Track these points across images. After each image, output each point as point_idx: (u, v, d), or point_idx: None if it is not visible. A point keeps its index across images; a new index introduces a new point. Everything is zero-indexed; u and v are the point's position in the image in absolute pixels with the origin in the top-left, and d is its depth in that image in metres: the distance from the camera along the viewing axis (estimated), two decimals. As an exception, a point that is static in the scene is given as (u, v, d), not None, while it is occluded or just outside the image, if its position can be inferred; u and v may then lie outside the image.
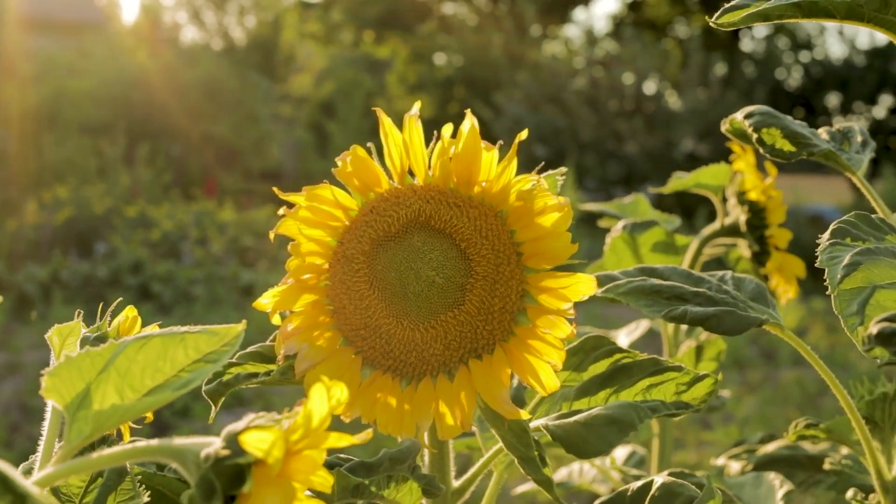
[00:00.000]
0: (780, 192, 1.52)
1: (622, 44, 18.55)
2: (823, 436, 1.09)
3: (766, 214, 1.52)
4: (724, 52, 20.97)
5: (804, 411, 6.14)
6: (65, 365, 0.63)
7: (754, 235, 1.52)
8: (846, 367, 7.41)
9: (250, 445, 0.59)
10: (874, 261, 0.79)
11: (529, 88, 16.29)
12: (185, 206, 11.51)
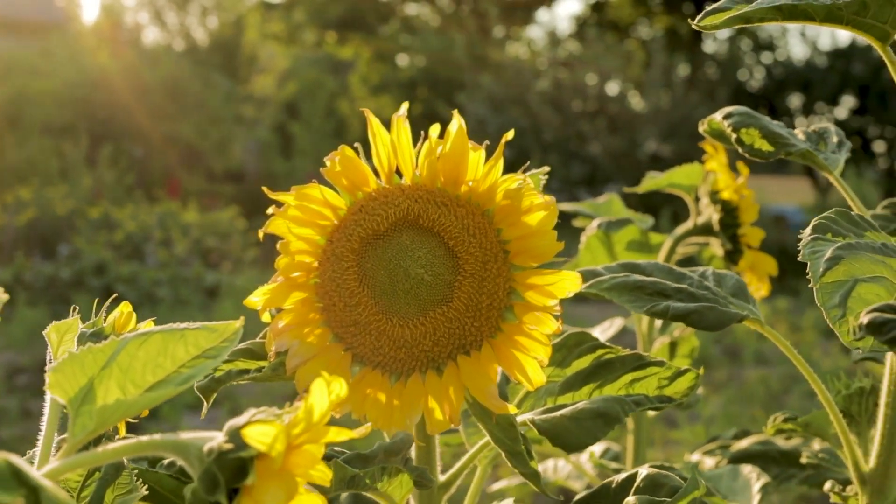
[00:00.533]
0: (751, 191, 1.55)
1: (585, 45, 18.64)
2: (801, 430, 1.12)
3: (739, 213, 1.55)
4: (686, 53, 21.11)
5: (769, 410, 6.20)
6: (68, 361, 0.64)
7: (727, 234, 1.55)
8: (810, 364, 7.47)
9: (253, 439, 0.60)
10: (855, 255, 0.81)
11: (493, 89, 16.33)
12: (149, 208, 11.45)
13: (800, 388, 7.03)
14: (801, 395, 7.00)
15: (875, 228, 0.91)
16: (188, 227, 10.67)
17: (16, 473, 0.53)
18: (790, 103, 20.22)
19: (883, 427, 1.02)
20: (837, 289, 0.79)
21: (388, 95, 19.70)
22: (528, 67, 17.88)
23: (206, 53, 19.40)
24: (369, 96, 20.13)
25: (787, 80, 20.20)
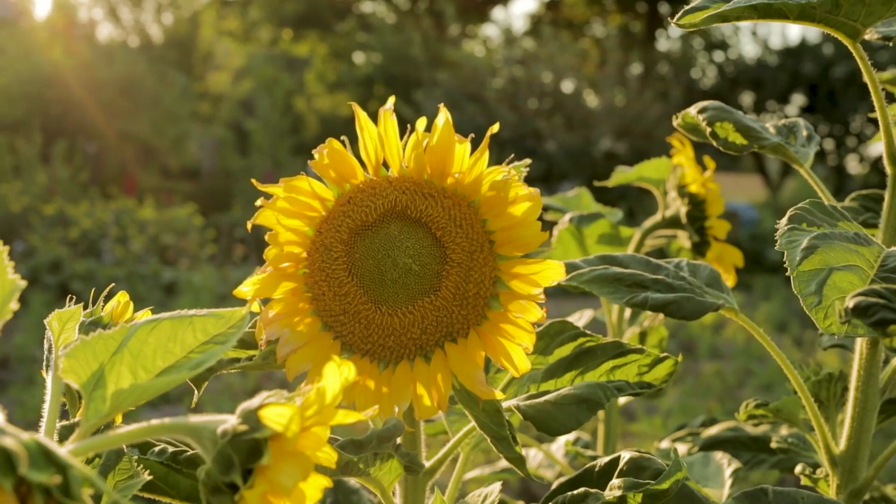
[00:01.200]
0: (718, 184, 1.58)
1: (541, 43, 18.70)
2: (772, 416, 1.15)
3: (706, 206, 1.58)
4: (640, 51, 21.24)
5: (724, 403, 6.29)
6: (80, 347, 0.66)
7: (694, 226, 1.58)
8: (763, 359, 7.60)
9: (270, 420, 0.62)
10: (830, 244, 0.85)
11: (449, 87, 16.36)
12: (104, 205, 11.38)
13: (754, 381, 7.14)
14: (754, 388, 7.10)
15: (847, 218, 0.94)
16: (145, 224, 10.61)
17: (45, 453, 0.55)
18: (742, 101, 20.40)
19: (853, 410, 1.06)
20: (813, 277, 0.82)
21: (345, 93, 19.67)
22: (485, 65, 17.92)
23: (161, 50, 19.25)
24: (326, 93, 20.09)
25: (738, 78, 20.39)
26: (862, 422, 1.05)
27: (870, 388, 1.04)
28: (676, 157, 1.61)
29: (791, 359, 3.34)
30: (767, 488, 0.90)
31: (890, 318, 0.72)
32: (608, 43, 19.16)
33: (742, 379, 7.21)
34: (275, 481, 0.62)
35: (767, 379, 7.01)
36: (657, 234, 1.64)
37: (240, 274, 9.76)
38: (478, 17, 23.85)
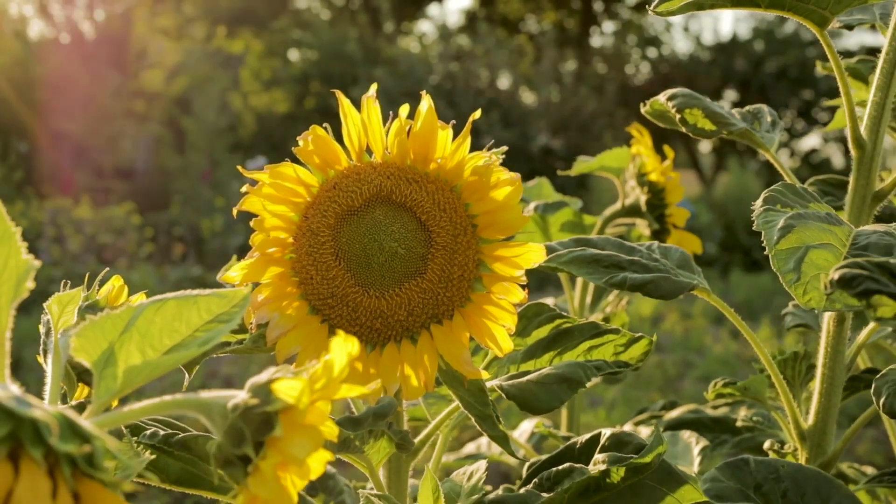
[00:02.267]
0: (677, 173, 1.62)
1: (477, 39, 18.74)
2: (739, 394, 1.18)
3: (665, 195, 1.62)
4: (575, 48, 21.38)
5: (665, 394, 6.35)
6: (89, 326, 0.67)
7: (654, 214, 1.62)
8: (701, 351, 7.69)
9: (283, 392, 0.64)
10: (805, 224, 0.88)
11: (387, 83, 16.34)
12: (40, 204, 11.22)
13: (693, 373, 7.21)
14: (694, 380, 7.18)
15: (817, 200, 0.98)
16: (81, 223, 10.48)
17: (71, 425, 0.56)
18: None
19: (821, 386, 1.10)
20: (791, 255, 0.85)
21: (281, 90, 19.55)
22: (421, 62, 17.93)
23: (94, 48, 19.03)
24: (262, 91, 19.94)
25: (671, 74, 20.57)
26: (829, 397, 1.09)
27: (837, 365, 1.08)
28: (635, 147, 1.64)
29: (728, 351, 3.40)
30: (749, 458, 0.93)
31: (874, 288, 0.75)
32: (543, 40, 19.26)
33: (682, 371, 7.29)
34: (287, 452, 0.63)
35: (706, 370, 7.08)
36: (617, 222, 1.68)
37: (179, 273, 9.70)
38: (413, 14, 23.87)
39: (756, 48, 20.00)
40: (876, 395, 0.97)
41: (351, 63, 18.16)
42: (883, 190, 1.06)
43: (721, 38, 21.37)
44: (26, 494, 0.53)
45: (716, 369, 7.08)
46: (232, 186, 12.40)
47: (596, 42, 23.35)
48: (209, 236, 11.59)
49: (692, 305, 9.88)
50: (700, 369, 7.19)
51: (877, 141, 1.05)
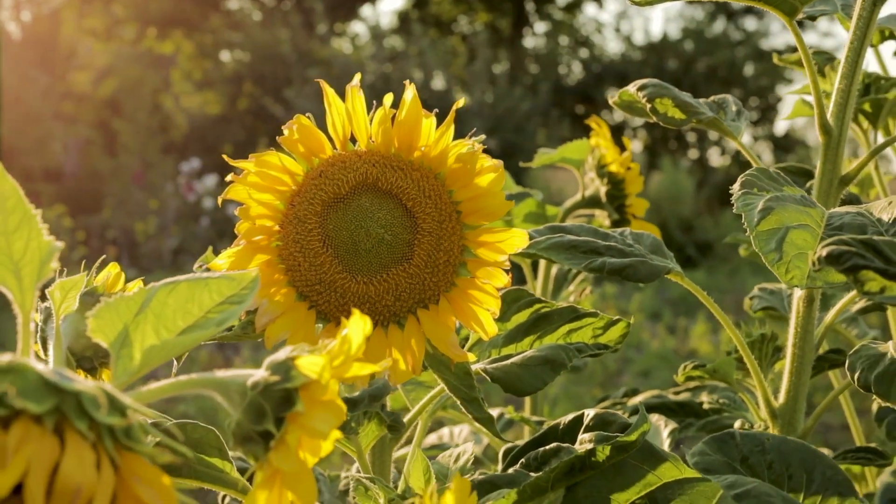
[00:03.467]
0: (637, 164, 1.65)
1: (410, 40, 18.77)
2: (708, 376, 1.22)
3: (625, 185, 1.65)
4: (507, 49, 21.47)
5: (606, 389, 6.43)
6: (105, 308, 0.68)
7: (614, 205, 1.65)
8: (639, 346, 7.79)
9: (306, 368, 0.65)
10: (783, 206, 0.91)
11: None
12: (-32, 208, 11.02)
13: (633, 368, 7.30)
14: (633, 375, 7.27)
15: (790, 184, 1.02)
16: (12, 227, 10.32)
17: (112, 399, 0.58)
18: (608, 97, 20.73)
19: (791, 365, 1.13)
20: (772, 236, 0.88)
21: (213, 91, 19.41)
22: (355, 63, 17.91)
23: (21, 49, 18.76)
24: (193, 92, 19.79)
25: (603, 74, 20.73)
26: (799, 376, 1.12)
27: (806, 345, 1.12)
28: (594, 139, 1.67)
29: (665, 347, 3.47)
30: (734, 432, 0.96)
31: (861, 263, 0.78)
32: (476, 40, 19.32)
33: (621, 367, 7.37)
34: (310, 427, 0.65)
35: (645, 366, 7.18)
36: (577, 213, 1.71)
37: (113, 276, 9.59)
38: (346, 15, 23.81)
39: (686, 48, 20.24)
40: (851, 371, 1.01)
41: (284, 64, 18.08)
42: (849, 174, 1.10)
43: (652, 39, 21.59)
44: (73, 466, 0.54)
45: (654, 364, 7.18)
46: (165, 188, 12.29)
47: (529, 43, 23.47)
48: (143, 239, 11.48)
49: (629, 302, 9.99)
50: (639, 365, 7.29)
51: (842, 127, 1.09)
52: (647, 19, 45.78)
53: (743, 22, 23.03)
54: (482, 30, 21.53)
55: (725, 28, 22.53)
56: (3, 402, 0.54)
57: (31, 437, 0.54)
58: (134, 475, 0.58)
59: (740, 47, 21.24)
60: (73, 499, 0.54)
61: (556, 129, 17.12)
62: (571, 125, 18.64)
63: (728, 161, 20.01)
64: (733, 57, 20.28)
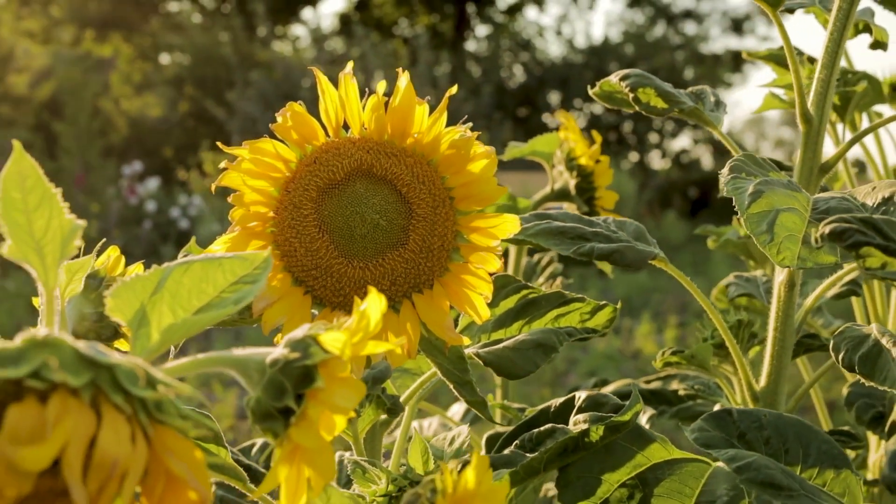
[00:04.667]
0: (606, 157, 1.67)
1: (352, 42, 18.76)
2: (685, 362, 1.24)
3: (594, 178, 1.67)
4: (449, 52, 21.52)
5: (555, 389, 6.48)
6: (122, 288, 0.69)
7: (583, 197, 1.67)
8: (585, 347, 7.85)
9: (328, 344, 0.66)
10: (773, 190, 0.94)
11: (263, 87, 16.21)
12: None
13: (579, 368, 7.36)
14: (581, 375, 7.33)
15: (775, 169, 1.04)
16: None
17: (141, 374, 0.58)
18: (550, 100, 20.89)
19: (772, 349, 1.16)
20: (763, 218, 0.90)
21: (154, 94, 19.26)
22: (297, 65, 17.86)
23: (-44, 51, 18.50)
24: (133, 95, 19.62)
25: (545, 77, 20.86)
26: (780, 359, 1.15)
27: (787, 328, 1.15)
28: (563, 132, 1.69)
29: (612, 347, 3.51)
30: (731, 409, 0.98)
31: (863, 240, 0.81)
32: (418, 43, 19.37)
33: (569, 367, 7.43)
34: (331, 403, 0.66)
35: (592, 366, 7.24)
36: (547, 205, 1.72)
37: (55, 280, 9.47)
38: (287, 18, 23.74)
39: (627, 52, 20.45)
40: (835, 352, 1.04)
41: (226, 67, 17.98)
42: (828, 162, 1.13)
43: (593, 42, 21.77)
44: (110, 439, 0.54)
45: (601, 364, 7.25)
46: (107, 192, 12.16)
47: (470, 46, 23.57)
48: (84, 243, 11.34)
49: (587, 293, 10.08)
50: (585, 365, 7.35)
51: (822, 116, 1.11)
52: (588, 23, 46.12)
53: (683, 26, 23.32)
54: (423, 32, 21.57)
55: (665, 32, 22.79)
56: (40, 375, 0.54)
57: (70, 411, 0.54)
58: (166, 449, 0.58)
59: (680, 51, 21.49)
60: (109, 471, 0.54)
61: (499, 131, 17.21)
62: (513, 127, 18.75)
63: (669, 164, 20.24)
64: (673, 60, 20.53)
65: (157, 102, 19.04)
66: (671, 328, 8.12)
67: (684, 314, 9.21)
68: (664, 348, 1.27)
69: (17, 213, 0.65)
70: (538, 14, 39.30)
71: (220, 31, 19.33)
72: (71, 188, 12.39)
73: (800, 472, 0.94)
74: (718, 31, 24.12)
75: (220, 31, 19.41)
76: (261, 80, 16.60)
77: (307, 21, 24.92)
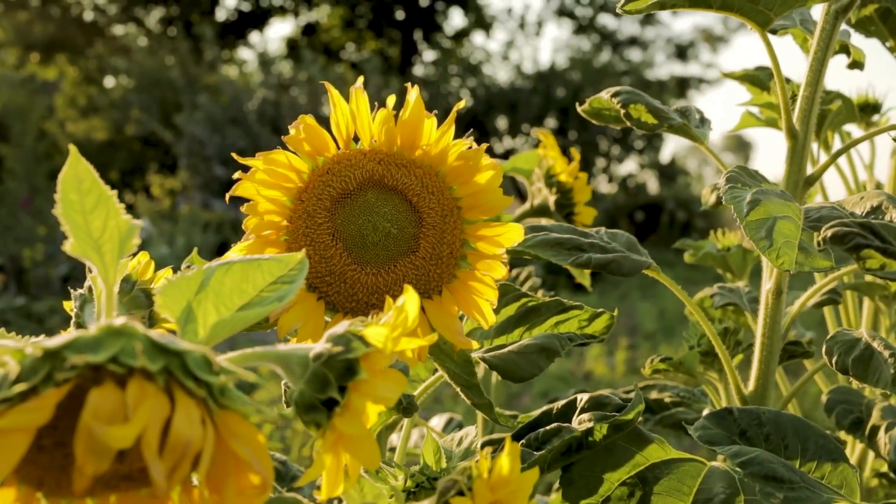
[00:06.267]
0: (585, 174, 1.72)
1: (301, 66, 18.77)
2: (672, 369, 1.28)
3: (573, 194, 1.71)
4: (397, 77, 21.60)
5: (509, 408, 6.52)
6: (169, 286, 0.72)
7: (562, 213, 1.71)
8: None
9: (372, 337, 0.70)
10: (769, 199, 0.98)
11: (211, 110, 16.17)
12: None
13: (532, 390, 7.41)
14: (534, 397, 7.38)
15: (766, 181, 1.09)
16: None
17: (208, 361, 0.61)
18: (498, 124, 21.01)
19: (760, 354, 1.21)
20: (761, 225, 0.95)
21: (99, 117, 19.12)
22: (244, 88, 17.83)
23: None
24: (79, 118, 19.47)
25: (493, 101, 20.98)
26: (768, 363, 1.20)
27: (774, 334, 1.19)
28: (542, 150, 1.74)
29: (564, 369, 3.58)
30: (732, 408, 1.03)
31: (863, 243, 0.85)
32: (367, 67, 19.42)
33: (522, 388, 7.47)
34: (373, 394, 0.69)
35: (545, 387, 7.29)
36: (527, 222, 1.76)
37: (1, 303, 9.38)
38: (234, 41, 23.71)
39: (574, 77, 20.62)
40: (828, 355, 1.09)
41: (173, 90, 17.91)
42: (812, 175, 1.18)
43: (541, 68, 21.93)
44: (183, 421, 0.57)
45: (554, 386, 7.30)
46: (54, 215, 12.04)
47: (418, 70, 23.67)
48: (31, 266, 11.24)
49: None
50: (538, 386, 7.40)
51: (807, 131, 1.17)
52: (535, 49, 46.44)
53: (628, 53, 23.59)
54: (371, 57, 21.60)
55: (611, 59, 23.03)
56: (118, 360, 0.57)
57: (147, 394, 0.57)
58: (231, 433, 0.61)
59: (626, 77, 21.70)
60: (183, 451, 0.57)
61: (448, 155, 17.23)
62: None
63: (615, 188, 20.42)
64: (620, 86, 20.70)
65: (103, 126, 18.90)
66: (622, 350, 8.21)
67: (634, 336, 9.30)
68: (635, 366, 1.31)
69: (75, 213, 0.68)
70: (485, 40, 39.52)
71: (167, 55, 19.24)
72: (17, 211, 12.26)
73: (799, 466, 0.98)
74: (663, 57, 24.39)
75: (166, 54, 19.32)
76: (208, 103, 16.55)
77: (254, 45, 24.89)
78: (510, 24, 27.01)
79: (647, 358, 1.33)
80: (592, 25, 23.95)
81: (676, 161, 21.60)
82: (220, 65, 21.21)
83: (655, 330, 9.56)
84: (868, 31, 1.42)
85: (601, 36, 23.79)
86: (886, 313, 1.49)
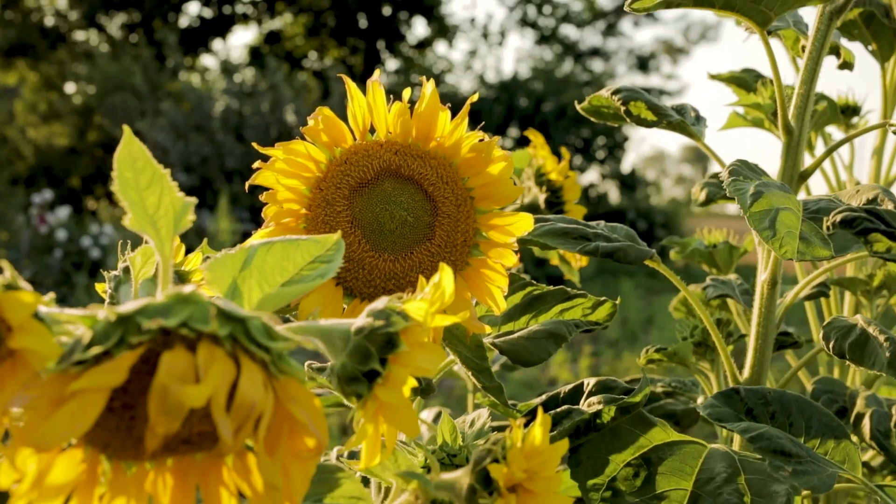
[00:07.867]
0: (574, 172, 1.76)
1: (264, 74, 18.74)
2: (667, 359, 1.32)
3: (563, 193, 1.76)
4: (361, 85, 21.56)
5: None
6: (215, 263, 0.75)
7: (552, 211, 1.75)
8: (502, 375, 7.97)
9: (413, 311, 0.73)
10: (771, 191, 1.03)
11: (174, 117, 16.12)
12: None
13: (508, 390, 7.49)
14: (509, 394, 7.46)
15: (766, 174, 1.13)
16: None
17: (267, 328, 0.64)
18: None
19: (755, 342, 1.25)
20: (765, 216, 0.99)
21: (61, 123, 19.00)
22: (208, 96, 17.78)
23: None
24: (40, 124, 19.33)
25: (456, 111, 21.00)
26: (763, 351, 1.24)
27: (769, 323, 1.24)
28: (532, 149, 1.78)
29: (529, 375, 3.63)
30: (739, 388, 1.07)
31: (871, 227, 0.90)
32: (330, 74, 19.44)
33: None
34: (414, 365, 0.72)
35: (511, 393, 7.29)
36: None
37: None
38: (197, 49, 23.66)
39: (536, 87, 20.73)
40: (825, 340, 1.13)
41: (136, 96, 17.84)
42: (807, 170, 1.23)
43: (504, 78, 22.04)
44: (249, 384, 0.60)
45: (519, 392, 7.36)
46: (16, 220, 11.96)
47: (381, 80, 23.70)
48: (-5, 270, 11.14)
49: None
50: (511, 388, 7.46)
51: (802, 128, 1.21)
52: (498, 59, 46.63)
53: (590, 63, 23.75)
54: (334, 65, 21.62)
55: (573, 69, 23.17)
56: (189, 325, 0.61)
57: (216, 358, 0.60)
58: (289, 397, 0.65)
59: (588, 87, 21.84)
60: (248, 413, 0.60)
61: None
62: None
63: (577, 198, 20.48)
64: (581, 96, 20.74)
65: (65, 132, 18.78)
66: (585, 357, 8.28)
67: (597, 344, 9.38)
68: (581, 374, 1.35)
69: (130, 190, 0.71)
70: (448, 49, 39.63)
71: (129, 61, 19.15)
72: (-23, 216, 12.17)
73: (804, 442, 1.02)
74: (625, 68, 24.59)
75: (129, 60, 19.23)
76: (171, 110, 16.50)
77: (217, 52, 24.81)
78: (473, 34, 27.09)
79: (610, 365, 1.38)
80: (555, 36, 24.11)
81: (636, 171, 21.75)
82: (182, 71, 21.15)
83: (618, 337, 9.65)
84: (851, 34, 1.47)
85: (563, 46, 23.94)
86: (868, 307, 1.54)
